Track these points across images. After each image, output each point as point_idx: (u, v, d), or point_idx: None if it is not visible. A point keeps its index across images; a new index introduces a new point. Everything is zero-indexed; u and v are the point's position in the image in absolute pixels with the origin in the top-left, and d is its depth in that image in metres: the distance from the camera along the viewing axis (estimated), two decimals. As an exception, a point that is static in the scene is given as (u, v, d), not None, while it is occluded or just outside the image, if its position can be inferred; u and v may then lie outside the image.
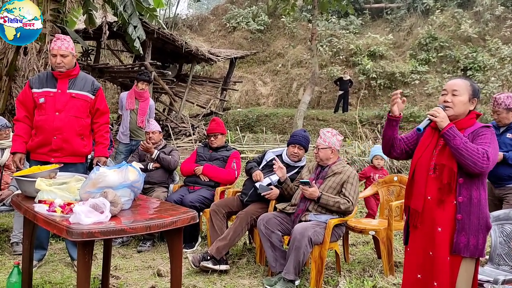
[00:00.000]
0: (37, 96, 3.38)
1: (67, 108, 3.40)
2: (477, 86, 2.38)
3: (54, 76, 3.43)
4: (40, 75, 3.51)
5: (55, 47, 3.36)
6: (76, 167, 3.46)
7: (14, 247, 3.89)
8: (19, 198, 2.61)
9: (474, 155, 2.14)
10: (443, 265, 2.24)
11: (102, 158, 3.60)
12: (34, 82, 3.44)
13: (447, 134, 2.21)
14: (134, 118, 5.56)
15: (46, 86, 3.41)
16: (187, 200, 4.13)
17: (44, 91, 3.40)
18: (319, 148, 3.59)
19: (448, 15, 18.75)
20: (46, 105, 3.38)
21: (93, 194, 2.27)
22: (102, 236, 2.07)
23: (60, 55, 3.35)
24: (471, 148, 2.16)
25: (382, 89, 17.48)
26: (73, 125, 3.43)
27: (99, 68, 11.29)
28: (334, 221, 3.37)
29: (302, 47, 20.35)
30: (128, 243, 4.33)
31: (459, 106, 2.30)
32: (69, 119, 3.41)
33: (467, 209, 2.22)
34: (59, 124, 3.37)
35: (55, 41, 3.39)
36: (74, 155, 3.49)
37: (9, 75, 5.76)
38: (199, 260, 3.54)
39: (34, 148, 3.43)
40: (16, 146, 3.40)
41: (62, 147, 3.41)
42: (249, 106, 19.03)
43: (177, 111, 12.88)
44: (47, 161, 3.31)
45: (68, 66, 3.41)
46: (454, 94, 2.31)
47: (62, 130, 3.38)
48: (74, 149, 3.46)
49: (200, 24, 23.06)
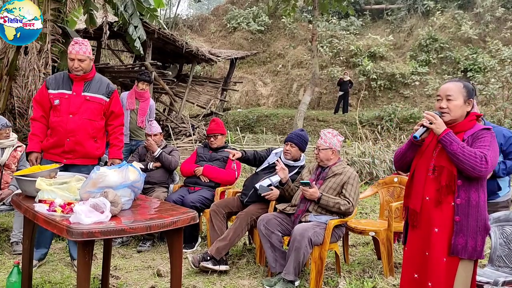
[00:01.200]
0: (52, 98, 3.42)
1: (81, 111, 3.43)
2: (471, 85, 2.36)
3: (70, 78, 3.45)
4: (57, 76, 3.54)
5: (73, 51, 3.38)
6: (89, 168, 3.47)
7: (14, 246, 3.89)
8: (19, 198, 2.61)
9: (472, 160, 2.15)
10: (438, 266, 2.25)
11: (116, 160, 3.62)
12: (50, 82, 3.47)
13: (444, 140, 2.22)
14: (134, 118, 5.55)
15: (62, 87, 3.44)
16: (188, 201, 4.13)
17: (59, 92, 3.43)
18: (320, 149, 3.59)
19: (449, 17, 18.76)
20: (60, 107, 3.42)
21: (93, 194, 2.27)
22: (102, 236, 2.08)
23: (78, 60, 3.38)
24: (468, 152, 2.16)
25: (382, 90, 17.49)
26: (86, 127, 3.46)
27: (100, 68, 11.27)
28: (334, 221, 3.37)
29: (303, 48, 20.36)
30: (128, 243, 4.32)
31: (455, 111, 2.30)
32: (82, 121, 3.43)
33: (465, 211, 2.22)
34: (73, 127, 3.41)
35: (73, 45, 3.40)
36: (87, 157, 3.52)
37: (9, 74, 5.75)
38: (199, 261, 3.54)
39: (48, 148, 3.47)
40: (32, 145, 3.43)
41: (75, 149, 3.45)
42: (249, 106, 19.04)
43: (177, 111, 12.88)
44: (60, 162, 3.36)
45: (86, 70, 3.44)
46: (448, 99, 2.30)
47: (75, 133, 3.42)
48: (87, 151, 3.50)
49: (200, 24, 23.07)
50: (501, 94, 13.11)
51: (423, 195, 2.33)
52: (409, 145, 2.45)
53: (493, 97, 12.84)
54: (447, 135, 2.21)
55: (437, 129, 2.25)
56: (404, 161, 2.52)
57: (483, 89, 12.93)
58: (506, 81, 12.78)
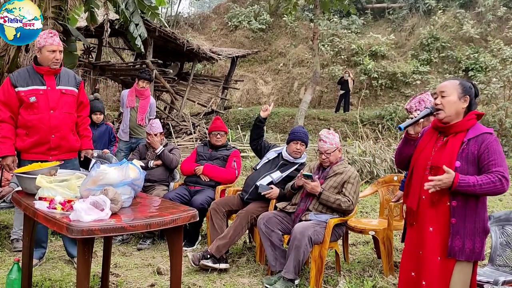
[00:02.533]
0: (25, 95, 3.27)
1: (60, 105, 3.37)
2: (469, 84, 2.35)
3: (38, 72, 3.33)
4: (20, 72, 3.38)
5: (54, 43, 3.28)
6: (72, 162, 3.48)
7: (14, 244, 3.89)
8: (20, 195, 2.61)
9: (492, 188, 2.14)
10: (432, 265, 2.25)
11: (89, 151, 3.60)
12: (16, 80, 3.28)
13: (460, 190, 2.16)
14: (134, 116, 5.56)
15: (32, 83, 3.30)
16: (197, 202, 4.09)
17: (31, 89, 3.28)
18: (329, 152, 3.56)
19: (450, 16, 18.71)
20: (38, 104, 3.28)
21: (93, 192, 2.27)
22: (102, 233, 2.08)
23: (59, 51, 3.31)
24: (486, 184, 2.14)
25: (383, 89, 17.46)
26: (67, 121, 3.42)
27: (101, 66, 11.29)
28: (334, 220, 3.37)
29: (304, 46, 20.33)
30: (128, 241, 4.33)
31: (449, 107, 2.29)
32: (63, 116, 3.38)
33: (462, 213, 2.21)
34: (55, 122, 3.34)
35: (51, 37, 3.29)
36: (70, 151, 3.49)
37: (10, 71, 5.75)
38: (199, 259, 3.54)
39: (28, 148, 3.34)
40: (6, 149, 3.28)
41: (61, 144, 3.39)
42: (250, 105, 19.02)
43: (178, 109, 12.87)
44: (45, 160, 3.24)
45: (61, 62, 3.39)
46: (443, 96, 2.31)
47: (60, 128, 3.36)
48: (71, 145, 3.47)
49: (201, 22, 23.04)
50: (503, 94, 13.07)
51: (420, 193, 2.33)
52: (404, 141, 2.48)
53: (494, 96, 12.80)
54: (459, 187, 2.14)
55: (445, 185, 2.17)
56: (401, 157, 2.53)
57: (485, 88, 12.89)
58: (507, 80, 12.74)
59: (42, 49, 3.28)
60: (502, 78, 12.92)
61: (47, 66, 3.31)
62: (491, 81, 13.60)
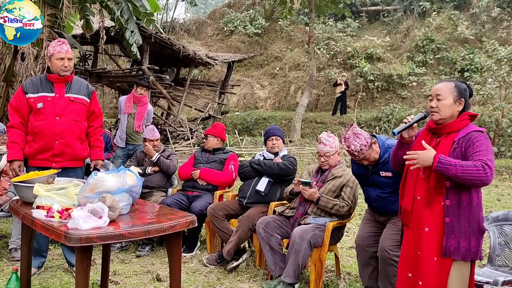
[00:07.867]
0: (33, 102, 3.33)
1: (67, 113, 3.38)
2: (464, 85, 2.35)
3: (49, 80, 3.38)
4: (33, 80, 3.44)
5: (62, 51, 3.32)
6: (76, 171, 3.45)
7: (12, 253, 3.87)
8: (17, 204, 2.60)
9: (475, 173, 2.11)
10: (429, 265, 2.25)
11: (99, 162, 3.60)
12: (28, 87, 3.36)
13: (439, 170, 2.17)
14: (131, 122, 5.55)
15: (42, 90, 3.35)
16: (197, 208, 4.07)
17: (40, 95, 3.34)
18: (328, 155, 3.56)
19: (445, 17, 18.81)
20: (45, 110, 3.33)
21: (91, 199, 2.26)
22: (100, 241, 2.07)
23: (68, 59, 3.33)
24: (468, 169, 2.12)
25: (379, 91, 17.51)
26: (73, 129, 3.41)
27: (97, 73, 11.28)
28: (333, 223, 3.37)
29: (300, 50, 20.40)
30: (127, 248, 4.31)
31: (444, 110, 2.30)
32: (69, 123, 3.39)
33: (456, 212, 2.22)
34: (60, 129, 3.35)
35: (60, 45, 3.34)
36: (75, 159, 3.47)
37: (6, 80, 5.75)
38: (215, 260, 3.69)
39: (34, 154, 3.37)
40: (13, 154, 3.32)
41: (64, 151, 3.39)
42: (247, 109, 19.04)
43: (175, 115, 12.86)
44: (49, 166, 3.27)
45: (71, 69, 3.40)
46: (438, 99, 2.31)
47: (64, 135, 3.36)
48: (76, 153, 3.45)
49: (197, 28, 23.11)
50: (498, 94, 13.13)
51: (415, 194, 2.35)
52: (398, 145, 2.51)
53: (490, 97, 12.86)
54: (439, 163, 2.15)
55: (424, 162, 2.20)
56: (396, 159, 2.55)
57: (480, 89, 12.95)
58: (503, 80, 12.80)
59: (52, 57, 3.34)
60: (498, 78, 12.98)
61: (57, 74, 3.35)
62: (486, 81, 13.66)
